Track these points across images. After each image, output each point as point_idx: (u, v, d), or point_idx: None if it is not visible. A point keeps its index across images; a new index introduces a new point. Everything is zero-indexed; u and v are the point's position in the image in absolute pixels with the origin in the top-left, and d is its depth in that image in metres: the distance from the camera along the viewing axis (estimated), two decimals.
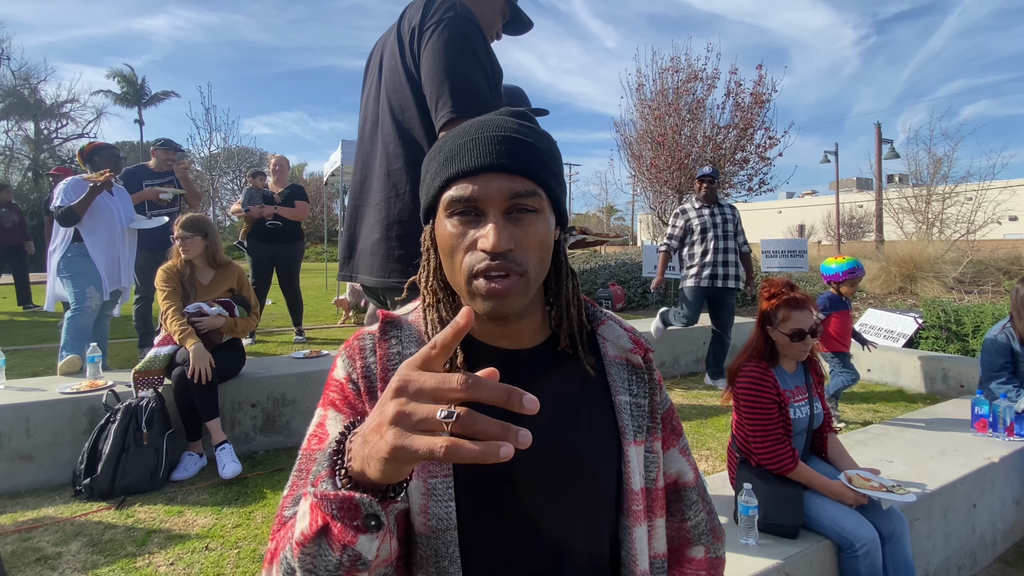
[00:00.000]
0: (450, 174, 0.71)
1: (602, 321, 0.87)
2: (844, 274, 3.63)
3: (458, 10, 1.41)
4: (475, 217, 0.70)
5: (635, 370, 0.85)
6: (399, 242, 1.43)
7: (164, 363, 2.96)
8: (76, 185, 3.92)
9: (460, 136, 0.74)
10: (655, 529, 0.84)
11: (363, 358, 0.76)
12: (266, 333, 6.71)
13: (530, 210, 0.71)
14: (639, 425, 0.82)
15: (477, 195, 0.69)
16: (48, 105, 27.41)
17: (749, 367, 2.01)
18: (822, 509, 1.84)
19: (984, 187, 12.81)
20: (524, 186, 0.70)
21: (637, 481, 0.80)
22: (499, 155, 0.70)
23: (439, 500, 0.69)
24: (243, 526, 2.41)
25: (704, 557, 0.92)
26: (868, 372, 5.06)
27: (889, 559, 1.82)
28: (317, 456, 0.70)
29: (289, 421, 3.40)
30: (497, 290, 0.69)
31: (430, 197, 0.75)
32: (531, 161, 0.71)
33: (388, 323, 0.79)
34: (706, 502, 0.94)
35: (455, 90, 1.33)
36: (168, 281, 3.12)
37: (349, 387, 0.76)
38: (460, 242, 0.71)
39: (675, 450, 0.90)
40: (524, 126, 0.74)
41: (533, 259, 0.71)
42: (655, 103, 14.53)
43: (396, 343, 0.77)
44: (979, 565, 2.43)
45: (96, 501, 2.60)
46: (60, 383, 3.12)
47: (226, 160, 25.76)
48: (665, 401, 0.90)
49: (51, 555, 2.18)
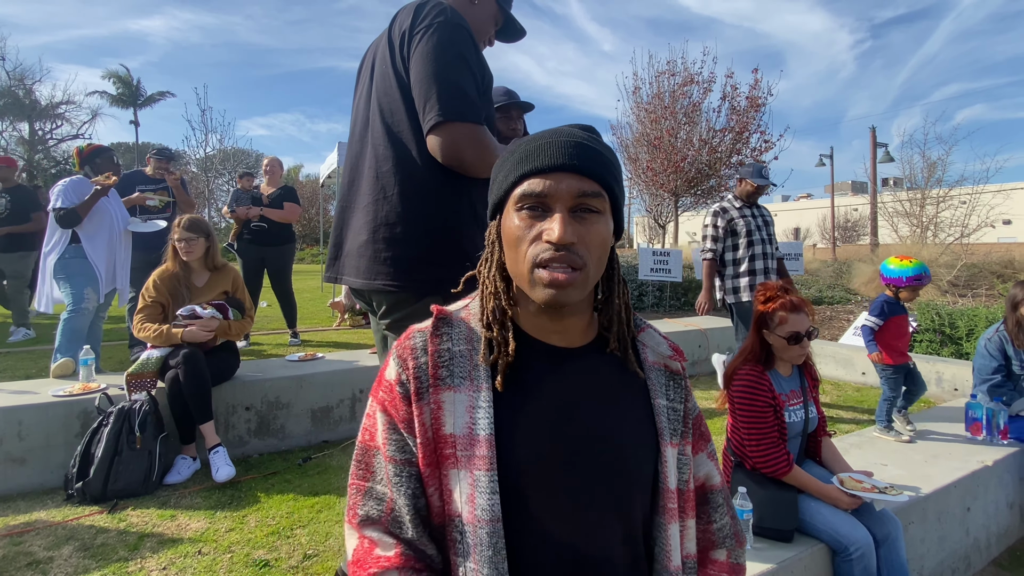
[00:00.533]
0: (525, 171, 0.78)
1: (642, 328, 0.92)
2: (909, 279, 3.19)
3: (448, 15, 1.42)
4: (542, 212, 0.77)
5: (672, 376, 0.90)
6: (386, 244, 1.43)
7: (157, 366, 2.94)
8: (76, 186, 3.91)
9: (535, 140, 0.80)
10: (687, 529, 0.88)
11: (415, 358, 0.80)
12: (261, 335, 6.69)
13: (594, 211, 0.77)
14: (674, 428, 0.87)
15: (548, 191, 0.76)
16: (43, 106, 27.30)
17: (745, 370, 2.01)
18: (817, 513, 1.84)
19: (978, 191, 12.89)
20: (591, 187, 0.77)
21: (672, 480, 0.84)
22: (571, 156, 0.76)
23: (483, 491, 0.74)
24: (236, 530, 2.40)
25: (726, 560, 0.95)
26: (863, 375, 5.08)
27: (883, 563, 1.82)
28: (374, 453, 0.82)
29: (283, 424, 3.38)
30: (559, 279, 0.74)
31: (501, 192, 0.82)
32: (599, 166, 0.78)
33: (440, 319, 0.84)
34: (730, 507, 0.97)
35: (443, 94, 1.34)
36: (155, 292, 3.10)
37: (398, 390, 0.80)
38: (527, 234, 0.76)
39: (703, 454, 0.95)
40: (592, 137, 0.81)
41: (593, 256, 0.77)
42: (651, 106, 14.58)
43: (447, 339, 0.82)
44: (973, 568, 2.43)
45: (88, 505, 2.58)
46: (53, 386, 3.10)
47: (222, 162, 25.68)
48: (695, 408, 0.94)
49: (43, 559, 2.16)
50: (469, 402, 0.77)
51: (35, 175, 24.21)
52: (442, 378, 0.79)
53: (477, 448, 0.75)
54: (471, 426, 0.76)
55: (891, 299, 3.29)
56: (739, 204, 4.03)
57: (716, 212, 4.03)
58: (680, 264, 8.97)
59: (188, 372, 2.87)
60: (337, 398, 3.57)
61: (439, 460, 0.77)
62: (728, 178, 14.28)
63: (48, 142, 27.88)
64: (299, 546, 2.29)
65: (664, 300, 9.46)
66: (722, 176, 14.17)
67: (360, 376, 3.65)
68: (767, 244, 3.95)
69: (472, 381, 0.79)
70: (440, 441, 0.77)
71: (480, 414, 0.76)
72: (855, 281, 9.54)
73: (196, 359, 2.92)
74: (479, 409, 0.77)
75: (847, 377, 5.21)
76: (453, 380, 0.79)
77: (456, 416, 0.77)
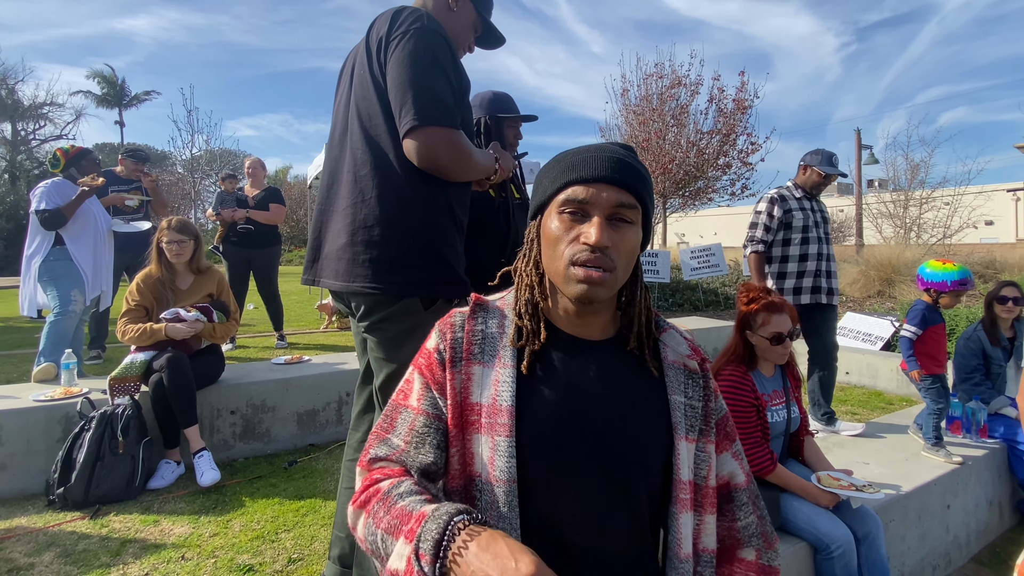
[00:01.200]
0: (570, 178, 0.86)
1: (665, 329, 0.98)
2: (954, 284, 2.86)
3: (424, 22, 1.45)
4: (582, 218, 0.85)
5: (691, 375, 0.95)
6: (365, 247, 1.45)
7: (141, 370, 2.91)
8: (59, 188, 3.87)
9: (581, 152, 0.89)
10: (704, 524, 0.92)
11: (453, 332, 0.91)
12: (247, 338, 6.63)
13: (627, 221, 0.86)
14: (691, 425, 0.92)
15: (590, 198, 0.84)
16: (26, 106, 26.91)
17: (728, 370, 2.03)
18: (798, 511, 1.86)
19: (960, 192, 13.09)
20: (628, 199, 0.85)
21: (685, 473, 0.89)
22: (613, 170, 0.85)
23: (502, 455, 0.82)
24: (221, 535, 2.38)
25: (755, 560, 0.97)
26: (847, 375, 5.14)
27: (864, 560, 1.85)
28: (401, 410, 0.90)
29: (269, 428, 3.36)
30: (593, 276, 0.82)
31: (545, 196, 0.90)
32: (637, 181, 0.87)
33: (478, 305, 0.95)
34: (757, 507, 1.00)
35: (418, 99, 1.37)
36: (139, 295, 3.07)
37: (435, 357, 0.90)
38: (566, 235, 0.85)
39: (728, 454, 0.98)
40: (631, 155, 0.90)
41: (622, 261, 0.85)
42: (640, 108, 14.66)
43: (481, 322, 0.92)
44: (953, 565, 2.47)
45: (70, 511, 2.55)
46: (34, 390, 3.06)
47: (208, 162, 25.43)
48: (721, 408, 0.99)
49: (23, 566, 2.13)
50: (496, 376, 0.87)
51: (17, 176, 23.84)
52: (474, 353, 0.89)
53: (499, 416, 0.84)
54: (495, 397, 0.85)
55: (930, 306, 2.95)
56: (799, 194, 3.49)
57: (773, 199, 3.45)
58: (668, 265, 9.03)
59: (172, 376, 2.84)
60: (323, 401, 3.55)
61: (464, 425, 0.86)
62: (715, 180, 14.38)
63: (31, 143, 27.49)
64: (284, 550, 2.27)
65: (652, 301, 9.51)
66: (709, 178, 14.27)
67: (347, 379, 3.64)
68: (823, 244, 3.43)
69: (500, 360, 0.88)
70: (467, 408, 0.86)
71: (504, 388, 0.85)
72: (840, 281, 9.63)
73: (180, 362, 2.89)
74: (504, 383, 0.86)
75: None
76: (483, 356, 0.89)
77: (483, 387, 0.87)
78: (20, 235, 4.76)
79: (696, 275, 9.07)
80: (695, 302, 9.64)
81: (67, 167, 4.14)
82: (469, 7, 1.68)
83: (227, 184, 5.84)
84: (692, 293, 9.84)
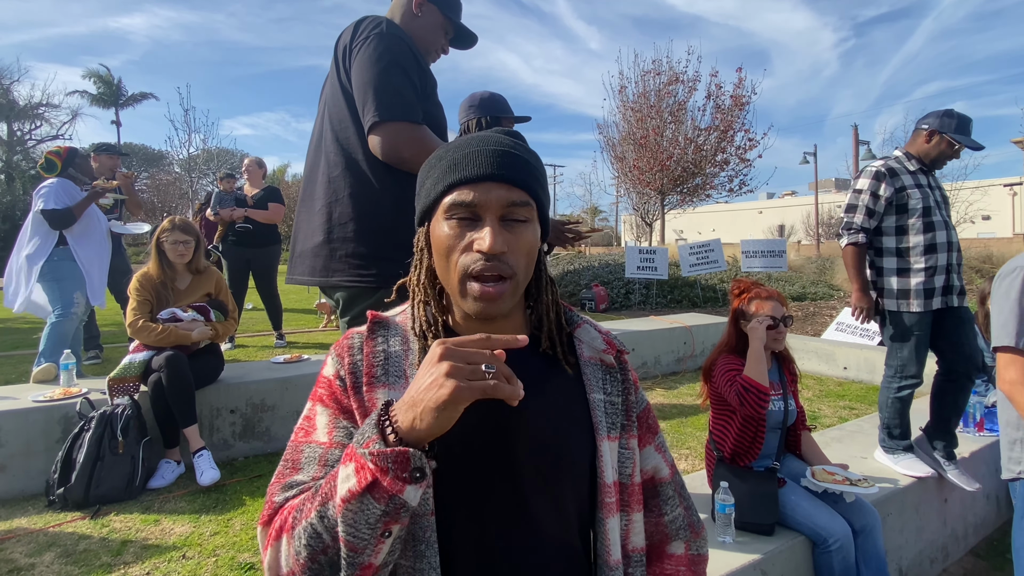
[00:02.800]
0: (453, 180, 0.78)
1: (578, 324, 0.92)
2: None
3: (384, 28, 1.55)
4: (472, 221, 0.77)
5: (609, 370, 0.90)
6: (341, 243, 1.55)
7: (140, 370, 2.91)
8: (66, 188, 3.90)
9: (462, 148, 0.80)
10: (632, 523, 0.88)
11: (351, 355, 0.82)
12: (246, 337, 6.63)
13: (522, 220, 0.78)
14: (613, 422, 0.87)
15: (478, 201, 0.76)
16: (22, 106, 26.82)
17: (723, 359, 2.06)
18: (797, 506, 1.88)
19: (957, 187, 13.12)
20: (519, 196, 0.78)
21: (610, 475, 0.84)
22: (499, 167, 0.77)
23: None
24: (221, 534, 2.39)
25: (684, 553, 0.95)
26: (845, 370, 5.16)
27: (861, 553, 1.86)
28: (303, 448, 0.79)
29: (269, 427, 3.37)
30: (490, 293, 0.76)
31: (430, 201, 0.81)
32: (526, 175, 0.79)
33: (376, 323, 0.85)
34: (683, 498, 0.97)
35: (378, 96, 1.47)
36: (142, 290, 3.07)
37: (336, 383, 0.81)
38: (457, 243, 0.77)
39: (651, 447, 0.94)
40: (518, 144, 0.82)
41: (522, 264, 0.78)
42: (637, 105, 14.66)
43: (382, 341, 0.83)
44: (951, 558, 2.49)
45: (70, 511, 2.56)
46: (33, 391, 3.06)
47: (206, 162, 25.37)
48: (641, 401, 0.94)
49: (24, 566, 2.14)
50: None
51: (13, 177, 23.76)
52: (376, 376, 0.80)
53: None
54: None
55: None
56: (914, 167, 2.57)
57: (880, 174, 2.53)
58: (666, 262, 9.04)
59: (171, 375, 2.84)
60: None
61: None
62: (713, 176, 14.39)
63: (27, 143, 27.40)
64: None
65: (651, 298, 9.52)
66: (707, 175, 14.29)
67: None
68: (950, 230, 2.55)
69: (407, 380, 0.80)
70: None
71: None
72: (838, 277, 9.67)
73: (179, 362, 2.89)
74: None
75: (829, 372, 5.28)
76: (388, 378, 0.80)
77: None
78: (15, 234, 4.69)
79: (694, 271, 9.09)
80: (693, 298, 9.66)
81: (64, 168, 4.13)
82: (434, 10, 1.76)
83: (225, 183, 5.83)
84: (690, 289, 9.86)
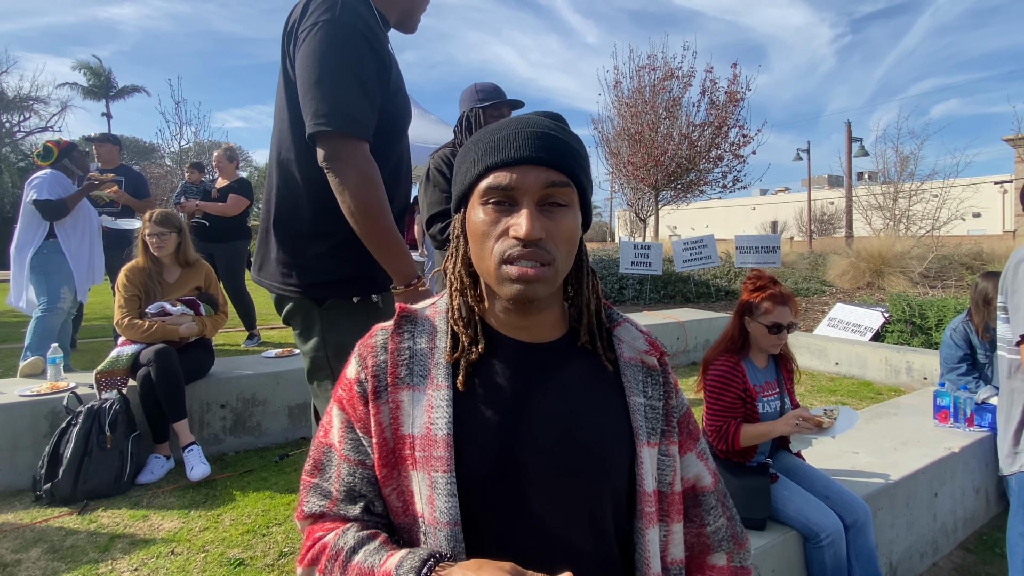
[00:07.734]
0: (489, 163, 0.74)
1: (619, 322, 0.88)
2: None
3: (336, 12, 1.27)
4: (509, 206, 0.73)
5: (650, 372, 0.85)
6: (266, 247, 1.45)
7: (128, 363, 2.88)
8: (59, 179, 3.86)
9: (499, 130, 0.76)
10: (672, 534, 0.83)
11: (374, 357, 0.78)
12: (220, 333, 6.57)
13: (562, 204, 0.74)
14: (653, 427, 0.82)
15: (514, 184, 0.72)
16: (10, 98, 26.46)
17: (720, 360, 2.05)
18: (788, 501, 1.88)
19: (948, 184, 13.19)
20: (559, 178, 0.73)
21: (650, 483, 0.80)
22: (537, 148, 0.73)
23: (441, 494, 0.71)
24: (211, 529, 2.37)
25: (727, 565, 0.90)
26: (836, 365, 5.18)
27: (853, 548, 1.86)
28: (324, 450, 0.81)
29: (260, 422, 3.34)
30: (528, 274, 0.71)
31: (466, 186, 0.77)
32: (566, 157, 0.75)
33: (403, 317, 0.81)
34: (726, 507, 0.92)
35: (322, 103, 1.25)
36: (130, 285, 3.03)
37: (356, 389, 0.78)
38: (493, 229, 0.73)
39: (692, 454, 0.89)
40: (558, 125, 0.78)
41: (561, 251, 0.74)
42: (632, 100, 14.61)
43: (408, 337, 0.79)
44: (941, 552, 2.50)
45: (57, 506, 2.53)
46: (19, 385, 3.02)
47: (198, 155, 25.13)
48: (682, 405, 0.90)
49: (10, 562, 2.11)
50: (428, 402, 0.75)
51: (1, 169, 23.47)
52: (401, 377, 0.76)
53: (435, 449, 0.72)
54: (429, 426, 0.73)
55: None
56: None
57: None
58: (660, 257, 9.05)
59: (160, 370, 2.81)
60: None
61: (398, 461, 0.75)
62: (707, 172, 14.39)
63: (16, 135, 27.06)
64: (275, 544, 2.26)
65: (644, 293, 9.53)
66: (701, 170, 14.28)
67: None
68: None
69: (433, 381, 0.76)
70: (399, 441, 0.75)
71: (439, 414, 0.74)
72: (830, 273, 9.70)
73: (168, 356, 2.86)
74: (438, 409, 0.74)
75: (821, 367, 5.30)
76: (412, 379, 0.76)
77: (415, 416, 0.75)
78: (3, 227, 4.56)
79: (688, 267, 9.10)
80: (687, 294, 9.67)
81: (59, 159, 4.07)
82: None
83: (191, 174, 5.54)
84: (684, 285, 9.87)
